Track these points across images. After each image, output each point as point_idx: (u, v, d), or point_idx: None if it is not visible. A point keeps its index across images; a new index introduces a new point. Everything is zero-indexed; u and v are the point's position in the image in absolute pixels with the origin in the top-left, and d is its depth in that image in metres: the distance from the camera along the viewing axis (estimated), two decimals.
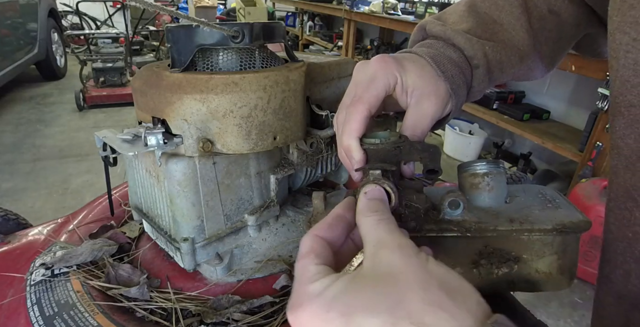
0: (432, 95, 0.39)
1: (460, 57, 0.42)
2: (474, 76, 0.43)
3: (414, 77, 0.38)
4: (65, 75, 4.68)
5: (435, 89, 0.39)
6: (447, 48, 0.42)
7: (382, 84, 0.38)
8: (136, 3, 0.39)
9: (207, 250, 0.57)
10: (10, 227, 0.82)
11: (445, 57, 0.41)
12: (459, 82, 0.41)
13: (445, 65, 0.40)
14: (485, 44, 0.42)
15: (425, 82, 0.39)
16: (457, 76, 0.41)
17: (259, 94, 0.49)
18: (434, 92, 0.39)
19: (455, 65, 0.41)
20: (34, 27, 3.94)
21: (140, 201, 0.65)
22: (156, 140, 0.48)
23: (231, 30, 0.50)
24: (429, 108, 0.39)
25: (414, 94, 0.39)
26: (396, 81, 0.38)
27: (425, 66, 0.40)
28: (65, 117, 3.38)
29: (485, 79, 0.43)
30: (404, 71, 0.38)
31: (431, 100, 0.39)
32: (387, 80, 0.38)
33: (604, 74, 1.67)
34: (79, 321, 0.51)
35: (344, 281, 0.24)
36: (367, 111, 0.37)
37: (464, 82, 0.42)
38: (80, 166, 2.50)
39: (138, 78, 0.55)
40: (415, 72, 0.39)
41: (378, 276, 0.24)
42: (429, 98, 0.39)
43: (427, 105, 0.39)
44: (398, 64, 0.39)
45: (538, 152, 2.62)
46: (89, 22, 6.26)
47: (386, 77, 0.38)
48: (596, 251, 1.61)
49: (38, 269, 0.59)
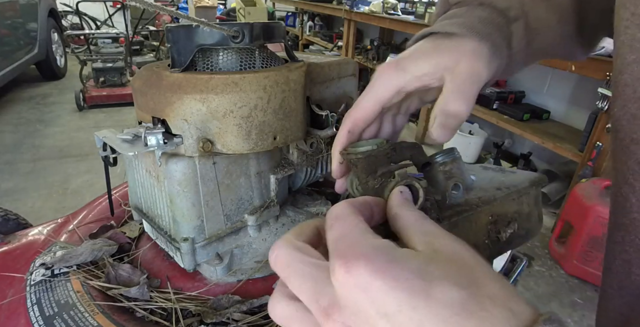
0: (462, 57, 0.33)
1: (493, 13, 0.36)
2: (512, 32, 0.36)
3: (422, 63, 0.34)
4: (65, 75, 4.69)
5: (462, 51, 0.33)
6: (474, 9, 0.37)
7: (374, 97, 0.35)
8: (136, 3, 0.39)
9: (207, 250, 0.57)
10: (10, 227, 0.82)
11: (473, 18, 0.36)
12: (498, 39, 0.35)
13: (476, 26, 0.34)
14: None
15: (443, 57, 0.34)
16: (495, 33, 0.35)
17: (259, 94, 0.49)
18: (463, 53, 0.33)
19: (488, 22, 0.35)
20: (34, 27, 3.94)
21: (140, 201, 0.65)
22: (156, 140, 0.48)
23: (231, 30, 0.50)
24: (465, 69, 0.33)
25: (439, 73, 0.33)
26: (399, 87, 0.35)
27: (438, 42, 0.35)
28: (65, 117, 3.38)
29: (524, 39, 0.37)
30: (408, 70, 0.35)
31: (463, 62, 0.33)
32: (382, 92, 0.35)
33: (604, 74, 1.67)
34: (79, 321, 0.51)
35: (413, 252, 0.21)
36: (351, 125, 0.36)
37: (503, 38, 0.36)
38: (80, 166, 2.50)
39: (138, 78, 0.55)
40: (422, 58, 0.34)
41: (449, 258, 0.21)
42: (460, 61, 0.33)
43: (462, 68, 0.33)
44: (399, 67, 0.35)
45: (538, 152, 2.62)
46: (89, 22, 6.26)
47: (382, 88, 0.35)
48: (596, 251, 1.61)
49: (38, 269, 0.59)
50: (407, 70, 0.35)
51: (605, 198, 1.61)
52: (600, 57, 1.69)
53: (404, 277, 0.19)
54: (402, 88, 0.35)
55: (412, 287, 0.19)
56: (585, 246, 1.65)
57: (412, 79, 0.34)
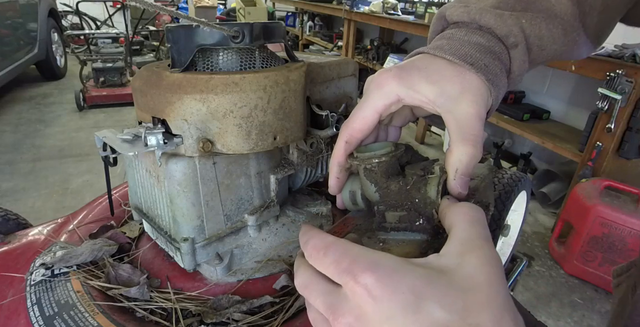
0: (465, 94, 0.33)
1: (491, 40, 0.35)
2: (512, 58, 0.36)
3: (427, 86, 0.33)
4: (65, 75, 4.69)
5: (465, 86, 0.33)
6: (473, 34, 0.36)
7: (370, 108, 0.34)
8: (136, 3, 0.39)
9: (207, 250, 0.57)
10: (10, 227, 0.82)
11: (471, 45, 0.35)
12: (496, 70, 0.34)
13: (473, 55, 0.34)
14: (521, 16, 0.35)
15: (450, 83, 0.33)
16: (492, 64, 0.34)
17: (259, 94, 0.49)
18: (467, 89, 0.33)
19: (487, 51, 0.35)
20: (34, 27, 3.94)
21: (140, 201, 0.65)
22: (156, 140, 0.48)
23: (231, 30, 0.50)
24: (468, 108, 0.32)
25: (438, 101, 0.33)
26: (397, 99, 0.34)
27: (442, 66, 0.34)
28: (65, 117, 3.38)
29: (526, 60, 0.37)
30: (409, 87, 0.33)
31: (466, 98, 0.32)
32: (379, 103, 0.34)
33: (603, 74, 1.67)
34: (79, 321, 0.51)
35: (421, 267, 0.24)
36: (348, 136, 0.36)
37: (501, 69, 0.35)
38: (80, 166, 2.51)
39: (138, 78, 0.55)
40: (426, 79, 0.33)
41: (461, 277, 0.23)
42: (463, 98, 0.32)
43: (463, 106, 0.32)
44: (398, 78, 0.34)
45: (538, 152, 2.62)
46: (89, 22, 6.26)
47: (379, 99, 0.34)
48: (596, 251, 1.61)
49: (38, 269, 0.59)
50: (411, 86, 0.33)
51: (605, 198, 1.61)
52: (600, 57, 1.69)
53: (400, 290, 0.22)
54: (402, 99, 0.34)
55: (405, 300, 0.22)
56: (585, 246, 1.65)
57: (413, 96, 0.34)
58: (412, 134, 3.28)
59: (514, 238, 1.10)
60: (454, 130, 0.32)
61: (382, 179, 0.33)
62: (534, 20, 0.36)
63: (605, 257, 1.61)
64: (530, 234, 2.06)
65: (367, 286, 0.23)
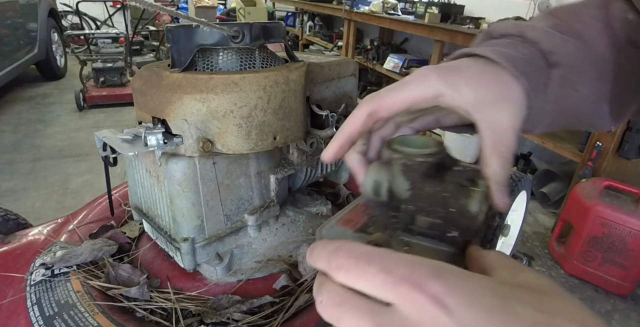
0: (504, 102, 0.31)
1: (535, 53, 0.33)
2: (550, 79, 0.34)
3: (468, 88, 0.31)
4: (65, 75, 4.68)
5: (505, 93, 0.31)
6: (517, 44, 0.34)
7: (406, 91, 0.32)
8: (136, 3, 0.39)
9: (207, 250, 0.57)
10: (10, 227, 0.82)
11: (517, 53, 0.33)
12: (537, 79, 0.32)
13: (516, 60, 0.32)
14: (568, 40, 0.34)
15: (490, 89, 0.31)
16: (534, 72, 0.32)
17: (259, 94, 0.49)
18: (505, 98, 0.31)
19: (530, 62, 0.33)
20: (34, 27, 3.94)
21: (140, 201, 0.65)
22: (156, 140, 0.48)
23: (231, 30, 0.50)
24: (504, 119, 0.31)
25: (477, 108, 0.31)
26: (435, 94, 0.31)
27: (486, 69, 0.32)
28: (65, 117, 3.38)
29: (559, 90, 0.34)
30: (451, 84, 0.31)
31: (504, 109, 0.31)
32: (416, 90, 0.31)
33: None
34: (79, 321, 0.51)
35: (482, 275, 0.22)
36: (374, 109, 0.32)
37: (542, 82, 0.33)
38: (80, 166, 2.50)
39: (138, 78, 0.55)
40: (470, 80, 0.31)
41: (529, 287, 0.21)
42: (502, 106, 0.31)
43: (502, 116, 0.31)
44: (441, 74, 0.32)
45: (538, 152, 2.62)
46: (89, 22, 6.25)
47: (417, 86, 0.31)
48: (596, 251, 1.60)
49: (38, 269, 0.59)
50: (453, 85, 0.31)
51: (605, 198, 1.61)
52: None
53: (479, 293, 0.19)
54: (441, 96, 0.32)
55: (489, 304, 0.19)
56: (585, 246, 1.65)
57: (453, 96, 0.31)
58: None
59: (514, 238, 1.10)
60: (488, 142, 0.31)
61: (419, 179, 0.31)
62: (580, 48, 0.34)
63: (605, 257, 1.61)
64: (530, 234, 2.06)
65: (437, 295, 0.19)
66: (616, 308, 1.57)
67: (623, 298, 1.61)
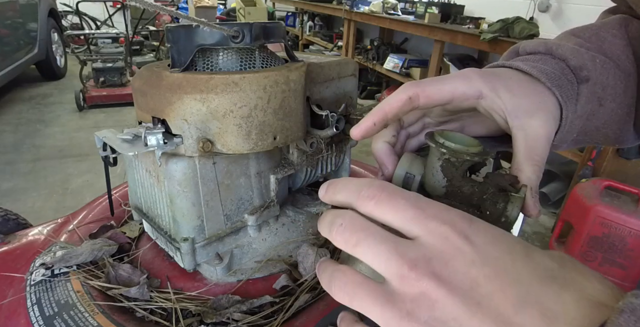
0: (539, 112, 0.32)
1: (565, 69, 0.34)
2: (579, 94, 0.34)
3: (507, 94, 0.32)
4: (65, 75, 4.68)
5: (541, 103, 0.32)
6: (547, 60, 0.35)
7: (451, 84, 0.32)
8: (136, 3, 0.39)
9: (207, 250, 0.57)
10: (10, 227, 0.82)
11: (547, 66, 0.34)
12: (569, 93, 0.33)
13: (549, 74, 0.33)
14: (596, 57, 0.35)
15: (527, 98, 0.32)
16: (565, 86, 0.33)
17: (259, 94, 0.49)
18: (541, 108, 0.32)
19: (560, 76, 0.34)
20: (34, 27, 3.94)
21: (140, 201, 0.65)
22: (156, 140, 0.48)
23: (231, 30, 0.50)
24: (540, 127, 0.32)
25: (514, 113, 0.32)
26: (477, 94, 0.32)
27: (522, 80, 0.33)
28: (65, 117, 3.38)
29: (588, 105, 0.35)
30: (492, 89, 0.32)
31: (540, 118, 0.32)
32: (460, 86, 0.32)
33: None
34: (79, 321, 0.51)
35: None
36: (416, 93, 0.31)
37: (572, 96, 0.34)
38: (80, 166, 2.50)
39: (138, 78, 0.55)
40: (508, 87, 0.32)
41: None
42: (537, 115, 0.32)
43: (537, 124, 0.32)
44: (484, 76, 0.32)
45: None
46: (89, 22, 6.25)
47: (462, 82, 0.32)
48: (596, 251, 1.60)
49: (38, 269, 0.59)
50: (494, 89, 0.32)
51: (605, 198, 1.61)
52: None
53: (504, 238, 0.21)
54: (482, 97, 0.32)
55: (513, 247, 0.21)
56: (585, 246, 1.65)
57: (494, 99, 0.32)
58: None
59: None
60: (521, 149, 0.32)
61: (459, 177, 0.30)
62: (606, 64, 0.35)
63: (605, 257, 1.61)
64: (530, 234, 2.06)
65: (464, 231, 0.20)
66: None
67: None
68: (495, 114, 0.32)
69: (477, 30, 2.40)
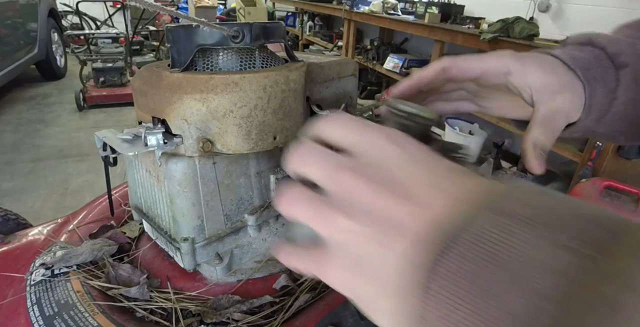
0: (565, 91, 0.35)
1: (601, 56, 0.36)
2: (620, 81, 0.36)
3: (537, 72, 0.35)
4: (65, 75, 4.68)
5: (568, 84, 0.35)
6: (584, 48, 0.37)
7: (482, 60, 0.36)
8: (136, 3, 0.39)
9: (207, 250, 0.57)
10: (10, 227, 0.82)
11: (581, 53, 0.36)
12: (603, 78, 0.35)
13: (580, 60, 0.35)
14: (637, 43, 0.36)
15: (555, 78, 0.35)
16: (597, 71, 0.35)
17: (259, 94, 0.49)
18: (567, 88, 0.35)
19: (593, 62, 0.36)
20: (34, 27, 3.93)
21: (140, 201, 0.65)
22: (156, 140, 0.48)
23: (231, 30, 0.50)
24: (563, 104, 0.35)
25: (541, 90, 0.35)
26: (506, 70, 0.35)
27: (552, 62, 0.36)
28: (65, 117, 3.38)
29: (632, 86, 0.36)
30: (522, 64, 0.35)
31: (565, 96, 0.35)
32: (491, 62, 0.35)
33: None
34: (79, 321, 0.51)
35: None
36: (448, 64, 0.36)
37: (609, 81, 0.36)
38: (80, 166, 2.50)
39: (138, 78, 0.55)
40: (539, 66, 0.35)
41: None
42: (562, 93, 0.35)
43: (561, 101, 0.35)
44: (515, 56, 0.36)
45: None
46: (89, 22, 6.25)
47: (493, 59, 0.35)
48: None
49: (38, 269, 0.59)
50: (523, 67, 0.35)
51: (605, 198, 1.61)
52: None
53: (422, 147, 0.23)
54: (509, 73, 0.35)
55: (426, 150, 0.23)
56: None
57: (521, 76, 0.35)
58: None
59: None
60: (541, 117, 0.35)
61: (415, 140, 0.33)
62: None
63: None
64: None
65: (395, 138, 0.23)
66: None
67: None
68: (523, 91, 0.35)
69: (477, 30, 2.39)
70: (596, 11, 2.17)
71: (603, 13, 2.14)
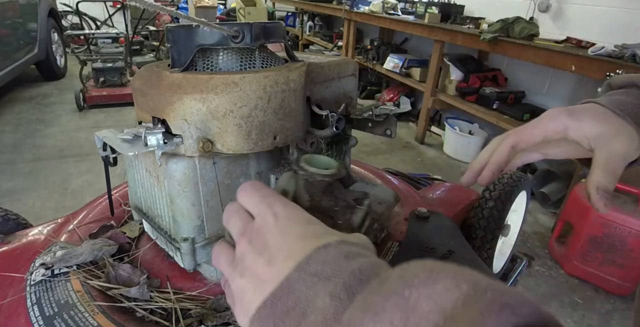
0: (619, 136, 0.39)
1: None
2: None
3: (590, 123, 0.40)
4: (65, 75, 4.68)
5: (621, 129, 0.39)
6: (631, 92, 0.42)
7: (541, 126, 0.41)
8: (136, 3, 0.39)
9: (207, 250, 0.57)
10: (10, 227, 0.82)
11: (629, 97, 0.41)
12: None
13: (627, 105, 0.40)
14: None
15: (608, 126, 0.39)
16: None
17: (259, 94, 0.49)
18: (621, 133, 0.39)
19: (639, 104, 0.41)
20: (34, 27, 3.93)
21: (140, 201, 0.65)
22: (156, 140, 0.48)
23: (231, 30, 0.50)
24: (619, 148, 0.39)
25: (598, 138, 0.39)
26: (564, 127, 0.40)
27: (605, 112, 0.40)
28: (65, 117, 3.38)
29: None
30: (576, 119, 0.40)
31: (619, 140, 0.39)
32: (550, 125, 0.40)
33: (603, 74, 1.67)
34: (79, 321, 0.51)
35: None
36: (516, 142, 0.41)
37: None
38: (80, 166, 2.50)
39: (138, 78, 0.55)
40: (592, 118, 0.40)
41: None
42: (617, 138, 0.39)
43: (617, 146, 0.39)
44: (569, 113, 0.41)
45: None
46: (89, 22, 6.25)
47: (550, 121, 0.41)
48: (596, 251, 1.61)
49: (38, 269, 0.59)
50: (578, 121, 0.40)
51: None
52: (600, 57, 1.69)
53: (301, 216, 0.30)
54: (567, 129, 0.40)
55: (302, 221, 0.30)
56: (585, 246, 1.65)
57: (578, 130, 0.40)
58: (412, 134, 3.28)
59: (514, 238, 1.10)
60: (601, 162, 0.39)
61: (317, 194, 0.37)
62: None
63: (605, 257, 1.61)
64: (530, 234, 2.05)
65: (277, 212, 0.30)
66: (616, 308, 1.57)
67: (623, 298, 1.61)
68: (582, 142, 0.40)
69: (477, 30, 2.39)
70: (596, 11, 2.17)
71: (603, 13, 2.14)
